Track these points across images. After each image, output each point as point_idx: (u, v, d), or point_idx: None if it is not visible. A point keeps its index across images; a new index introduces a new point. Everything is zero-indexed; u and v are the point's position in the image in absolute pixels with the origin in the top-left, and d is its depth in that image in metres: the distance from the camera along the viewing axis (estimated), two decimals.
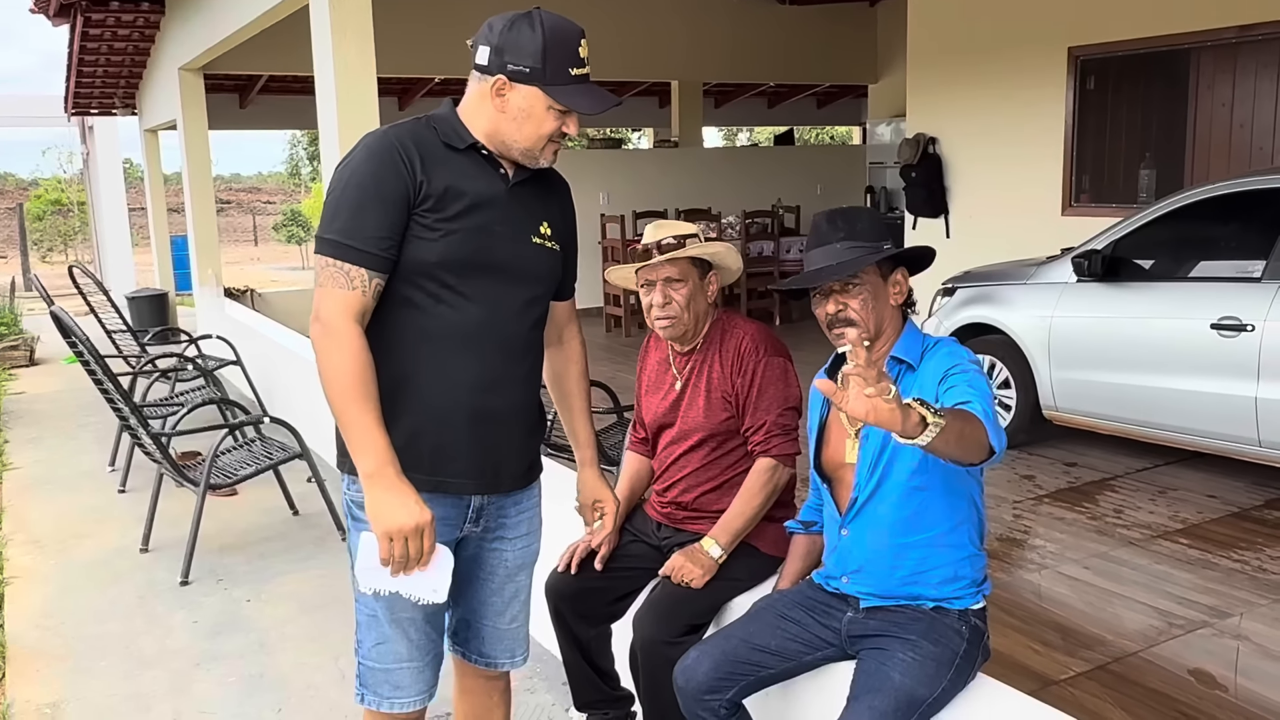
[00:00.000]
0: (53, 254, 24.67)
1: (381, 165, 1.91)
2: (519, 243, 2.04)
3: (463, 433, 2.01)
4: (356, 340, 1.89)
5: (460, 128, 1.99)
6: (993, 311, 5.62)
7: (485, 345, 2.01)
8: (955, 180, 8.17)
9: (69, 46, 10.72)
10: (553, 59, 1.91)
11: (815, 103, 18.36)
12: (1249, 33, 6.22)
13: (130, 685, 3.48)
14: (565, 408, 2.38)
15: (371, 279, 1.91)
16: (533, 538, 2.24)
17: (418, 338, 1.98)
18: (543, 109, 1.94)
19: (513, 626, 2.26)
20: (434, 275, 1.95)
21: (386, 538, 1.87)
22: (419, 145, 1.94)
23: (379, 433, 1.88)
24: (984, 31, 7.74)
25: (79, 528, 5.16)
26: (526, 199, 2.06)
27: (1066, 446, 5.63)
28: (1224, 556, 4.05)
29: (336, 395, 1.88)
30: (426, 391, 1.98)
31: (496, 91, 1.94)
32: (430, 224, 1.93)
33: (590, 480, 2.41)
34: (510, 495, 2.16)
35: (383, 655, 2.08)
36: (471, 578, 2.20)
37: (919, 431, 1.68)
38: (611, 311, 10.41)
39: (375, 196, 1.90)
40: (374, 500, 1.87)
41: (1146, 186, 6.93)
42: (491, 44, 1.94)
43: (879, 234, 2.19)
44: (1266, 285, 4.45)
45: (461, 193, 1.95)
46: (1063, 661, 3.25)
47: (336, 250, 1.90)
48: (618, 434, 4.64)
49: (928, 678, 2.01)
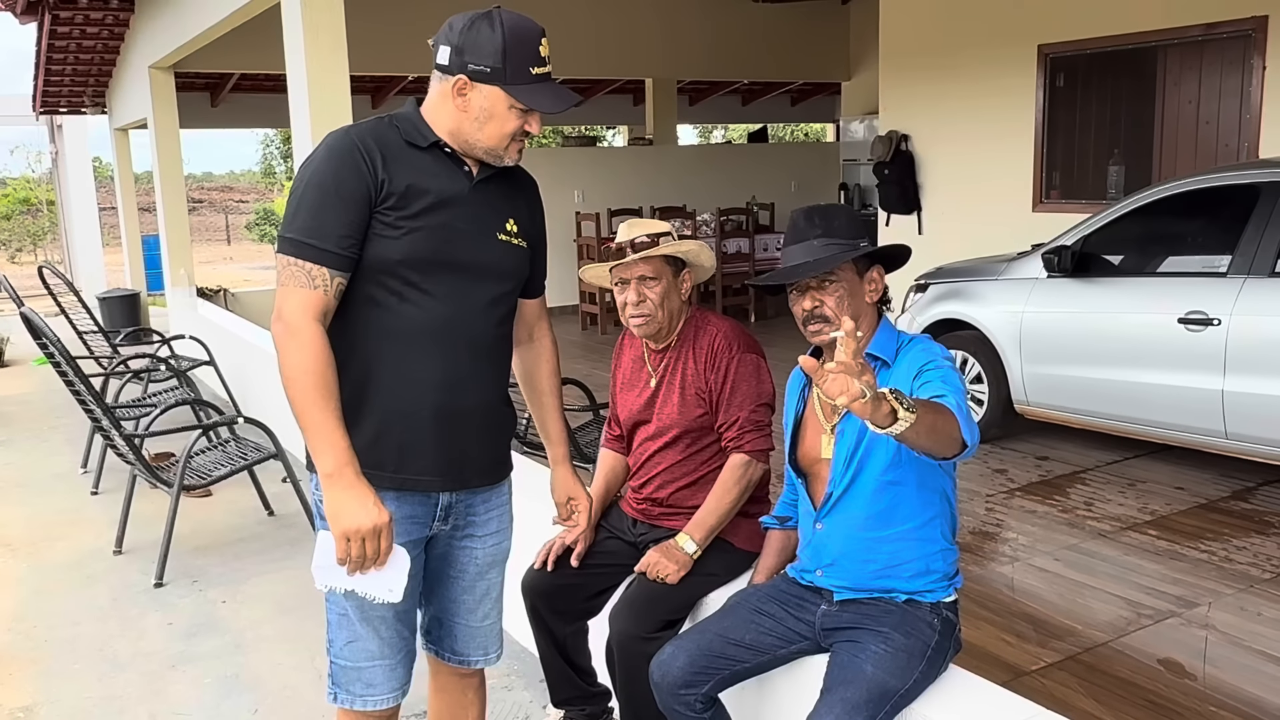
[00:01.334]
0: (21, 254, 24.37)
1: (342, 164, 1.91)
2: (483, 240, 2.04)
3: (428, 431, 2.01)
4: (318, 339, 1.89)
5: (423, 126, 1.99)
6: (965, 307, 5.67)
7: (450, 343, 2.01)
8: (927, 177, 8.24)
9: (37, 44, 10.60)
10: (513, 58, 1.91)
11: (789, 100, 18.44)
12: (1214, 31, 6.31)
13: (105, 688, 3.46)
14: (537, 405, 2.38)
15: (333, 278, 1.91)
16: (503, 535, 2.25)
17: (382, 336, 1.98)
18: (504, 108, 1.94)
19: (485, 624, 2.27)
20: (397, 273, 1.95)
21: (343, 538, 1.87)
22: (380, 144, 1.94)
23: (339, 433, 1.87)
24: (955, 29, 7.81)
25: (51, 530, 5.12)
26: (492, 196, 2.06)
27: (1038, 440, 5.69)
28: (1191, 547, 4.11)
29: (297, 394, 1.88)
30: (391, 390, 1.98)
31: (458, 91, 1.94)
32: (392, 222, 1.93)
33: (563, 478, 2.42)
34: (479, 493, 2.16)
35: (354, 653, 2.08)
36: (442, 576, 2.20)
37: (889, 422, 1.70)
38: (586, 309, 10.42)
39: (336, 195, 1.90)
40: (332, 500, 1.87)
41: (1115, 183, 7.01)
42: (452, 44, 1.94)
43: (856, 231, 2.22)
44: (1232, 280, 4.52)
45: (424, 191, 1.95)
46: (1034, 652, 3.29)
47: (298, 249, 1.90)
48: (593, 431, 4.65)
49: (899, 669, 2.04)
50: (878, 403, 1.66)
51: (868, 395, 1.62)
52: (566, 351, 8.99)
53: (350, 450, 1.88)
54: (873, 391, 1.64)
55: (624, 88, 16.05)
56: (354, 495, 1.86)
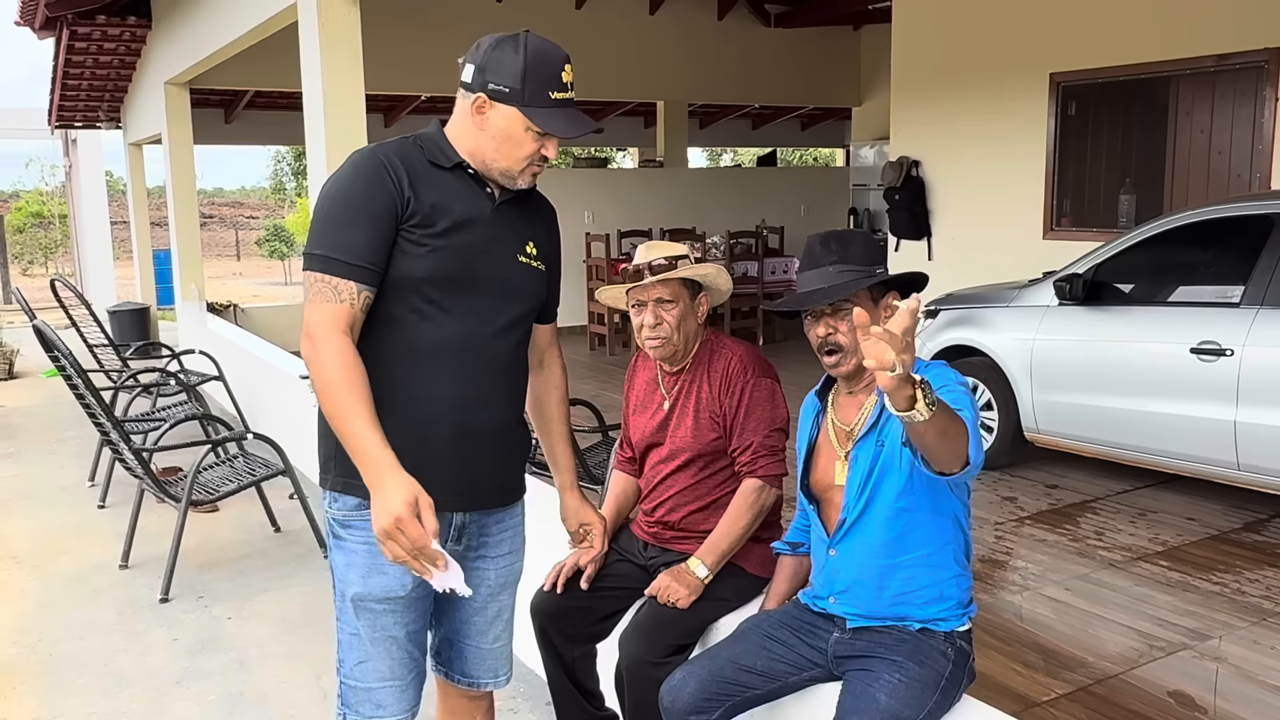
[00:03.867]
0: (34, 267, 24.50)
1: (368, 182, 1.92)
2: (505, 261, 2.05)
3: (445, 449, 2.01)
4: (346, 348, 1.88)
5: (447, 147, 2.01)
6: (975, 333, 5.66)
7: (469, 363, 2.01)
8: (938, 203, 8.24)
9: (54, 59, 10.69)
10: (532, 81, 1.93)
11: (799, 125, 18.50)
12: (1226, 62, 6.32)
13: (109, 703, 3.45)
14: (545, 432, 2.38)
15: (360, 292, 1.91)
16: (515, 556, 2.24)
17: (401, 354, 1.98)
18: (520, 130, 1.95)
19: (495, 646, 2.26)
20: (420, 291, 1.96)
21: (382, 537, 1.79)
22: (406, 162, 1.96)
23: (378, 434, 1.83)
24: (967, 57, 7.83)
25: (58, 543, 5.12)
26: (512, 218, 2.07)
27: (1048, 468, 5.66)
28: (1203, 579, 4.08)
29: (332, 405, 1.86)
30: (410, 408, 1.98)
31: (477, 109, 1.96)
32: (417, 239, 1.94)
33: (573, 504, 2.41)
34: (492, 513, 2.15)
35: (364, 674, 2.07)
36: (453, 597, 2.17)
37: (907, 407, 1.69)
38: (595, 330, 10.42)
39: (362, 212, 1.90)
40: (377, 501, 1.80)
41: (1127, 211, 7.01)
42: (476, 62, 1.96)
43: (872, 258, 2.21)
44: (1245, 310, 4.50)
45: (448, 210, 1.96)
46: (1045, 683, 3.26)
47: (324, 265, 1.90)
48: (602, 453, 4.64)
49: (913, 699, 2.02)
50: (903, 384, 1.65)
51: (897, 370, 1.61)
52: (575, 372, 9.02)
53: (390, 452, 1.82)
54: (905, 370, 1.63)
55: (635, 110, 16.13)
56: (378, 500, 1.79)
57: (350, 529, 2.01)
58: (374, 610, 2.02)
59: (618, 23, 11.22)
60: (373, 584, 2.01)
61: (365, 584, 2.01)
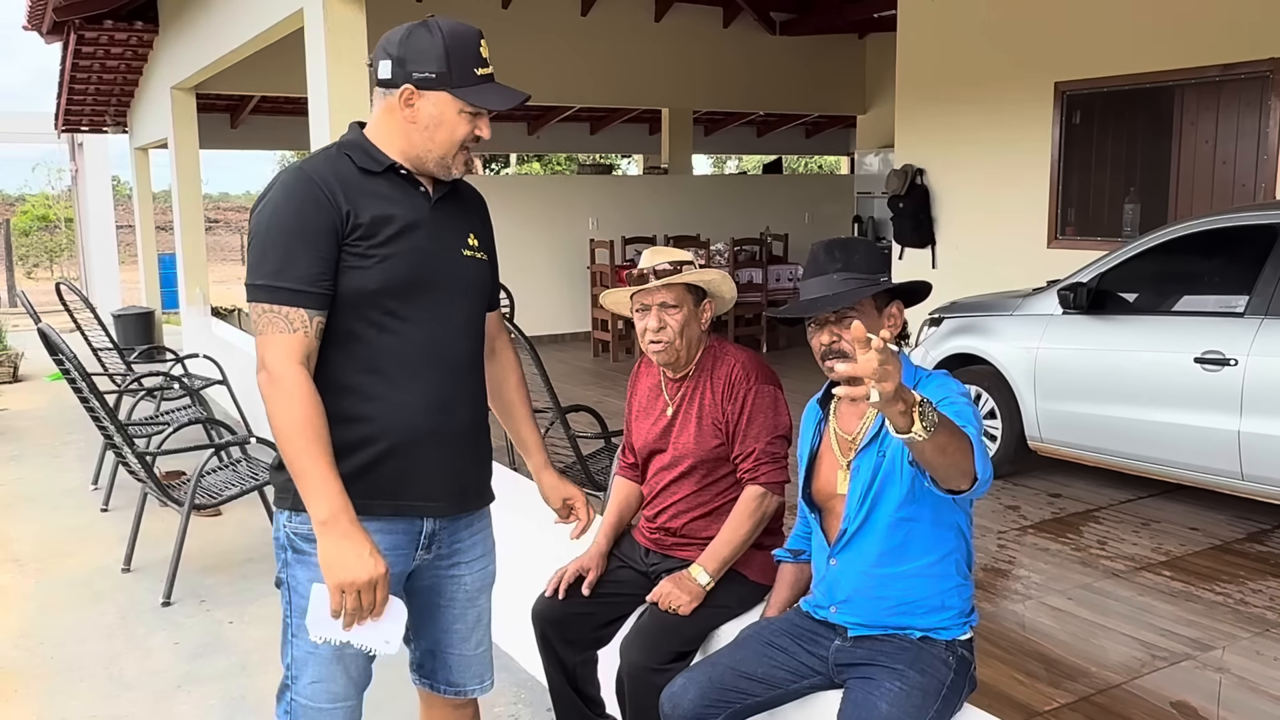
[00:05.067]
0: (38, 270, 24.55)
1: (303, 202, 1.87)
2: (452, 258, 2.03)
3: (424, 455, 1.99)
4: (304, 385, 1.85)
5: (374, 150, 1.97)
6: (979, 342, 5.65)
7: (436, 366, 1.99)
8: (942, 211, 8.24)
9: (61, 64, 10.73)
10: (456, 61, 1.90)
11: (804, 132, 18.52)
12: (1231, 71, 6.32)
13: (110, 707, 3.45)
14: (509, 417, 2.35)
15: (312, 318, 1.87)
16: (488, 559, 2.22)
17: (368, 368, 1.95)
18: (454, 113, 1.93)
19: (479, 651, 2.24)
20: (376, 303, 1.92)
21: (338, 590, 1.82)
22: (337, 176, 1.91)
23: (332, 479, 1.83)
24: (972, 65, 7.84)
25: (60, 546, 5.12)
26: (450, 213, 2.05)
27: (1051, 477, 5.65)
28: (1207, 589, 4.07)
29: (288, 443, 1.84)
30: (383, 420, 1.95)
31: (405, 102, 1.92)
32: (363, 252, 1.90)
33: (551, 481, 2.40)
34: (462, 518, 2.13)
35: (317, 694, 2.02)
36: (432, 607, 2.16)
37: (905, 427, 1.66)
38: (599, 336, 10.43)
39: (301, 234, 1.85)
40: (326, 550, 1.82)
41: (1131, 221, 7.00)
42: (392, 56, 1.92)
43: (876, 266, 2.21)
44: (1249, 320, 4.50)
45: (389, 217, 1.93)
46: (1047, 692, 3.25)
47: (271, 295, 1.85)
48: (605, 459, 4.64)
49: (915, 708, 2.02)
50: (891, 406, 1.61)
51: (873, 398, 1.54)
52: (578, 378, 9.02)
53: (344, 497, 1.83)
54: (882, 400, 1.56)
55: (640, 117, 16.15)
56: (350, 545, 1.81)
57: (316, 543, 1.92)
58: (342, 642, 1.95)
59: (623, 29, 11.25)
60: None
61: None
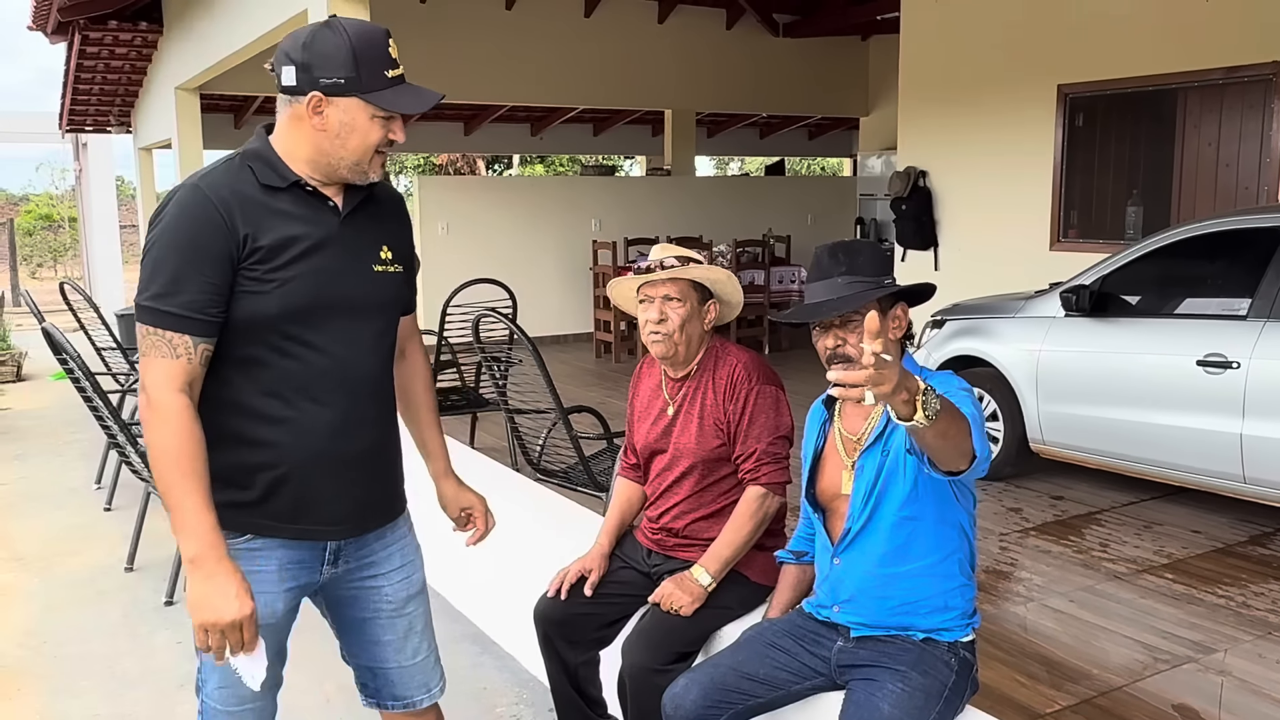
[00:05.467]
0: (42, 269, 24.60)
1: (196, 223, 1.79)
2: (361, 276, 1.94)
3: (323, 481, 1.94)
4: (183, 413, 1.78)
5: (279, 164, 1.87)
6: (981, 344, 5.65)
7: (339, 390, 1.92)
8: (945, 213, 8.25)
9: (66, 63, 10.76)
10: (365, 64, 1.81)
11: (807, 134, 18.52)
12: (1235, 74, 6.32)
13: (113, 706, 3.46)
14: (414, 421, 2.27)
15: (198, 344, 1.79)
16: (412, 568, 2.15)
17: (267, 392, 1.88)
18: (365, 119, 1.84)
19: (418, 660, 2.17)
20: (277, 329, 1.85)
21: (201, 629, 1.77)
22: (237, 195, 1.82)
23: (205, 514, 1.77)
24: (975, 67, 7.84)
25: (64, 545, 5.13)
26: (362, 226, 1.95)
27: (1053, 480, 5.65)
28: (1209, 592, 4.07)
29: (160, 473, 1.77)
30: (282, 446, 1.89)
31: (314, 109, 1.82)
32: (261, 276, 1.81)
33: (450, 490, 2.31)
34: (372, 531, 2.07)
35: (226, 699, 1.99)
36: (357, 621, 2.12)
37: (907, 415, 1.66)
38: (601, 337, 10.44)
39: (192, 258, 1.77)
40: (194, 588, 1.77)
41: (1134, 223, 7.00)
42: (296, 61, 1.82)
43: (880, 269, 2.21)
44: (1252, 323, 4.50)
45: (292, 238, 1.84)
46: (1048, 695, 3.25)
47: (156, 318, 1.77)
48: (606, 460, 4.64)
49: (916, 709, 2.02)
50: (893, 397, 1.61)
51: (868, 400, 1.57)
52: (580, 379, 9.02)
53: (216, 533, 1.78)
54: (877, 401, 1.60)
55: (643, 118, 16.15)
56: (216, 585, 1.76)
57: None
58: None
59: (626, 31, 11.26)
60: None
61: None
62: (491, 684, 3.54)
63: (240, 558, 1.87)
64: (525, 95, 11.47)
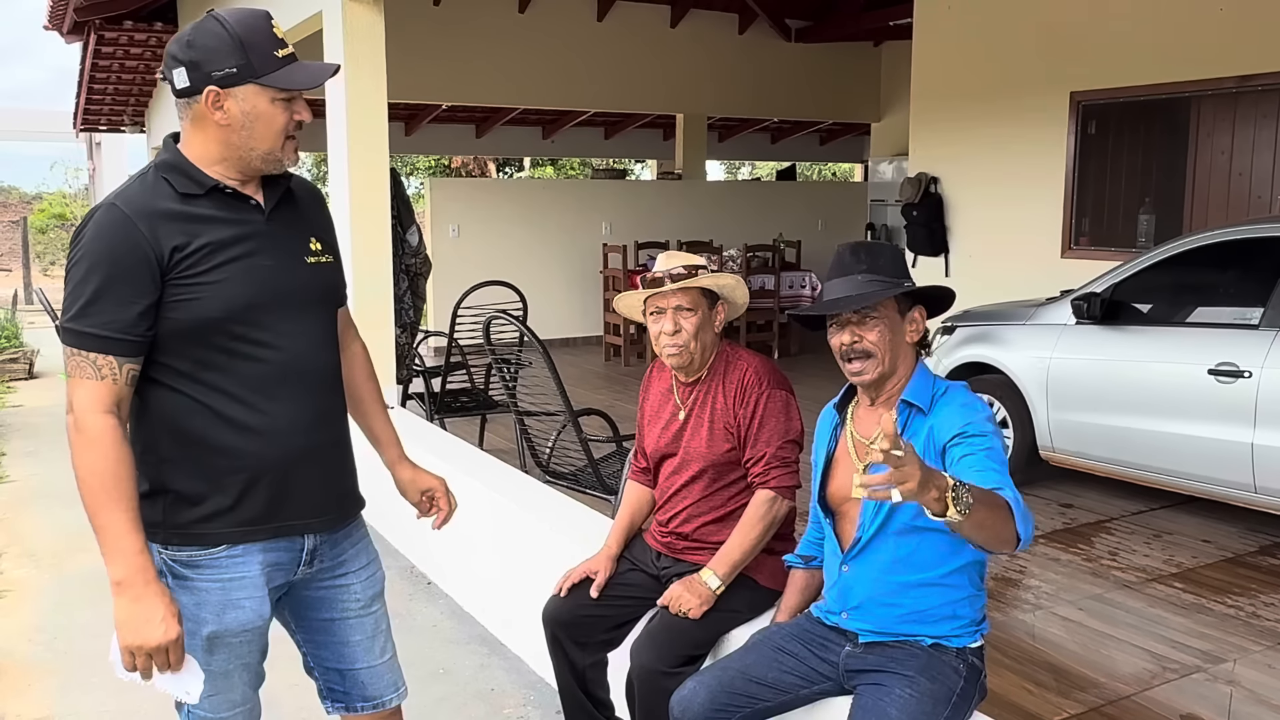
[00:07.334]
0: (55, 268, 24.69)
1: (115, 242, 1.78)
2: (295, 269, 1.94)
3: (298, 475, 1.94)
4: (108, 435, 1.77)
5: (193, 171, 1.86)
6: (991, 351, 5.65)
7: (297, 384, 1.93)
8: (956, 220, 8.24)
9: (81, 63, 10.83)
10: (253, 49, 1.80)
11: (818, 139, 18.51)
12: (1249, 83, 6.30)
13: (122, 702, 3.47)
14: (361, 412, 2.25)
15: (123, 365, 1.78)
16: (375, 565, 2.17)
17: (229, 396, 1.87)
18: (266, 104, 1.83)
19: (385, 659, 2.18)
20: (223, 330, 1.84)
21: (128, 652, 1.78)
22: (155, 209, 1.81)
23: (132, 537, 1.77)
24: (987, 74, 7.84)
25: (75, 542, 5.15)
26: (287, 220, 1.96)
27: (1063, 487, 5.64)
28: (1218, 601, 4.06)
29: (89, 495, 1.76)
30: (250, 447, 1.89)
31: (213, 105, 1.81)
32: (195, 281, 1.81)
33: (407, 476, 2.29)
34: (340, 528, 2.09)
35: (216, 705, 1.98)
36: (325, 623, 2.12)
37: (940, 510, 1.66)
38: (611, 340, 10.44)
39: (113, 278, 1.76)
40: (120, 610, 1.77)
41: (1146, 231, 6.99)
42: (185, 61, 1.81)
43: (900, 271, 2.22)
44: (1264, 332, 4.48)
45: (220, 243, 1.84)
46: (1056, 703, 3.25)
47: (79, 340, 1.77)
48: (616, 463, 4.64)
49: (924, 715, 2.02)
50: (922, 494, 1.61)
51: (895, 499, 1.60)
52: (589, 382, 9.03)
53: (144, 555, 1.78)
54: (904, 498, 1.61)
55: (654, 122, 16.17)
56: (142, 609, 1.77)
57: (199, 569, 1.91)
58: (232, 644, 1.95)
59: (639, 35, 11.28)
60: (229, 620, 1.93)
61: (221, 621, 1.93)
62: (499, 685, 3.55)
63: (223, 567, 1.88)
64: (537, 98, 11.48)
